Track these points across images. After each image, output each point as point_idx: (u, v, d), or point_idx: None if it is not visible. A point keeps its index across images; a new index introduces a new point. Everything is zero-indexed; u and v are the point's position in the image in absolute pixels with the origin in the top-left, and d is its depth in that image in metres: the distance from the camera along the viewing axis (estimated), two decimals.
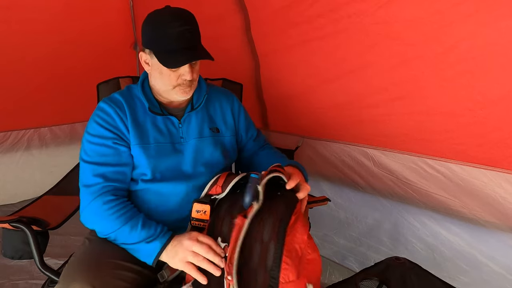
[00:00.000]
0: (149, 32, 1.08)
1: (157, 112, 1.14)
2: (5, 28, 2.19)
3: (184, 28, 1.04)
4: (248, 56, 2.00)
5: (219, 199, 1.03)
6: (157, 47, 1.06)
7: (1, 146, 2.50)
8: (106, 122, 1.09)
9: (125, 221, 1.01)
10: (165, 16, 1.06)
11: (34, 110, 2.54)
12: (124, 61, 2.92)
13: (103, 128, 1.08)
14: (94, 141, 1.08)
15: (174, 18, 1.05)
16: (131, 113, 1.11)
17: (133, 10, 2.78)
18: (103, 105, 1.12)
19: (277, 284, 0.82)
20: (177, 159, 1.14)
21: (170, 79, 1.08)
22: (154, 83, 1.14)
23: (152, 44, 1.07)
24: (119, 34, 2.82)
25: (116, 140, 1.09)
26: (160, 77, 1.10)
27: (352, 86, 1.60)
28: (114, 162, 1.08)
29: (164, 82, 1.10)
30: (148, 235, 0.99)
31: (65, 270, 0.96)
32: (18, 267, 1.93)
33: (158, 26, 1.06)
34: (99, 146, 1.07)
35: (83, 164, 1.08)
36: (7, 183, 2.59)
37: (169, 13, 1.07)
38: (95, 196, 1.03)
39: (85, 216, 1.06)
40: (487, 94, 1.23)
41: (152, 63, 1.10)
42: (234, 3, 1.94)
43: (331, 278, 1.95)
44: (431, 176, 1.49)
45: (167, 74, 1.08)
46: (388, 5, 1.35)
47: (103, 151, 1.07)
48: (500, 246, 1.39)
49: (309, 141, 1.92)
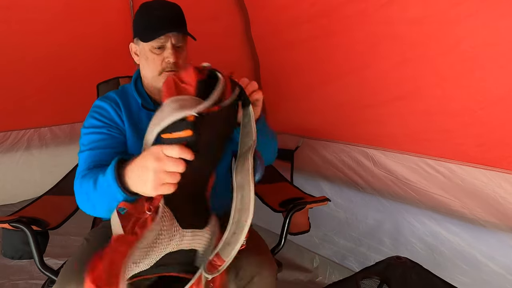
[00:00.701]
0: (136, 20, 1.13)
1: (150, 108, 1.15)
2: (5, 28, 2.19)
3: (169, 12, 1.11)
4: (248, 56, 2.00)
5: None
6: (140, 28, 1.10)
7: (1, 146, 2.50)
8: (100, 115, 1.10)
9: (92, 177, 0.88)
10: (151, 3, 1.12)
11: (34, 110, 2.54)
12: (124, 61, 2.89)
13: (98, 120, 1.09)
14: (89, 131, 1.08)
15: (159, 4, 1.11)
16: (126, 110, 1.12)
17: (133, 10, 2.77)
18: (98, 102, 1.14)
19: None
20: None
21: (155, 63, 1.10)
22: (143, 73, 1.16)
23: (136, 29, 1.12)
24: (119, 34, 2.81)
25: (110, 128, 1.09)
26: (146, 64, 1.12)
27: (352, 86, 1.60)
28: (107, 145, 1.07)
29: (150, 68, 1.12)
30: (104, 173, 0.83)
31: (63, 270, 0.96)
32: (18, 267, 1.93)
33: (143, 11, 1.12)
34: (93, 135, 1.07)
35: (79, 156, 1.06)
36: (7, 183, 2.59)
37: (156, 1, 1.13)
38: (81, 175, 0.96)
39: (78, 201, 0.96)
40: (487, 94, 1.23)
41: (139, 50, 1.13)
42: (234, 2, 1.94)
43: (331, 278, 1.95)
44: (431, 176, 1.49)
45: (151, 59, 1.10)
46: (389, 5, 1.35)
47: (96, 137, 1.07)
48: (500, 246, 1.39)
49: (309, 141, 1.92)
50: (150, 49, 1.09)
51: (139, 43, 1.11)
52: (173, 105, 0.72)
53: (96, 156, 1.03)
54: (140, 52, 1.13)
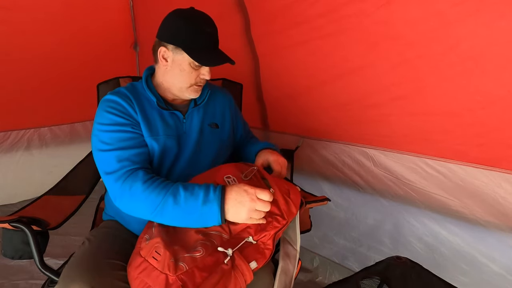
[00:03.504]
0: (181, 28, 1.07)
1: (163, 107, 1.15)
2: (5, 28, 2.20)
3: (214, 29, 1.10)
4: (248, 56, 2.00)
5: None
6: (190, 44, 1.06)
7: (1, 146, 2.49)
8: (119, 111, 1.08)
9: (166, 190, 0.96)
10: (198, 16, 1.10)
11: (34, 110, 2.55)
12: (124, 61, 2.93)
13: (118, 116, 1.07)
14: (112, 129, 1.06)
15: (206, 19, 1.10)
16: (139, 107, 1.12)
17: (133, 10, 2.78)
18: (111, 97, 1.11)
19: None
20: (179, 153, 1.16)
21: (190, 76, 1.10)
22: (170, 80, 1.14)
23: (182, 40, 1.07)
24: (119, 34, 2.82)
25: (134, 126, 1.08)
26: (179, 74, 1.10)
27: (352, 86, 1.60)
28: (137, 145, 1.07)
29: (183, 79, 1.11)
30: (197, 197, 0.95)
31: (65, 270, 0.96)
32: (18, 267, 1.93)
33: (192, 23, 1.07)
34: (118, 133, 1.05)
35: (103, 154, 1.04)
36: (7, 183, 2.59)
37: (200, 14, 1.11)
38: (124, 178, 0.99)
39: (123, 202, 1.00)
40: (487, 94, 1.24)
41: (174, 59, 1.09)
42: (234, 3, 1.94)
43: (331, 278, 1.95)
44: (431, 176, 1.49)
45: (188, 72, 1.09)
46: (388, 5, 1.35)
47: (123, 136, 1.05)
48: (500, 246, 1.39)
49: (309, 141, 1.92)
50: (190, 64, 1.08)
51: (179, 52, 1.08)
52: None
53: (129, 157, 1.03)
54: (174, 61, 1.10)
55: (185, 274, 0.84)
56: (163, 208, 0.95)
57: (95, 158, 1.07)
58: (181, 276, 0.83)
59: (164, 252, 0.87)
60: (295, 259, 1.06)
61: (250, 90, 2.08)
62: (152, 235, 0.96)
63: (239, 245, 0.93)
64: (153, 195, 0.96)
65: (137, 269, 0.89)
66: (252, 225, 0.96)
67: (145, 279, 0.86)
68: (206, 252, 0.89)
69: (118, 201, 1.01)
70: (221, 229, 0.96)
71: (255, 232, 0.96)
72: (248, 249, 0.94)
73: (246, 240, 0.94)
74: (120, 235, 1.13)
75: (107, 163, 1.03)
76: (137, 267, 0.90)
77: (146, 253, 0.91)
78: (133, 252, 0.97)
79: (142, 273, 0.88)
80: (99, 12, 2.58)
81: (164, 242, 0.90)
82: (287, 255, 1.06)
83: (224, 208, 0.93)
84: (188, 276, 0.84)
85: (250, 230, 0.96)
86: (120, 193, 0.99)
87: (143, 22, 2.76)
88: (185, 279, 0.83)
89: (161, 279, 0.84)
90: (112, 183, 1.01)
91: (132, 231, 1.16)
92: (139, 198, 0.97)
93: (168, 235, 0.94)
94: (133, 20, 2.81)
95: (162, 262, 0.86)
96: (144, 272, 0.88)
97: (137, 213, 0.99)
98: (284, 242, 1.09)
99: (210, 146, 1.22)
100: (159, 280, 0.84)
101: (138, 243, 0.99)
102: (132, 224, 1.16)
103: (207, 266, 0.87)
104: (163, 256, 0.87)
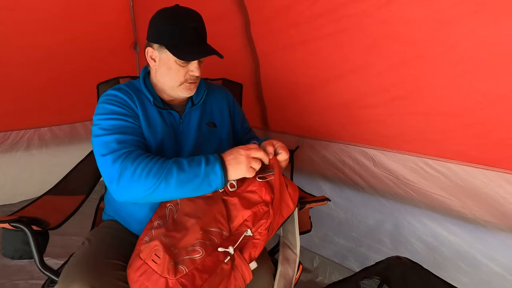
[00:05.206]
0: (163, 26, 1.08)
1: (160, 106, 1.15)
2: (5, 28, 2.20)
3: (198, 24, 1.09)
4: (248, 56, 2.00)
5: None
6: (171, 41, 1.06)
7: (1, 146, 2.50)
8: (120, 103, 1.08)
9: (168, 161, 0.97)
10: (179, 12, 1.09)
11: (34, 110, 2.55)
12: (124, 61, 2.92)
13: (119, 107, 1.07)
14: (112, 117, 1.05)
15: (188, 15, 1.09)
16: (139, 101, 1.12)
17: (133, 10, 2.78)
18: (112, 91, 1.11)
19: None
20: (178, 152, 1.16)
21: (178, 74, 1.09)
22: (160, 79, 1.14)
23: (165, 39, 1.07)
24: (119, 34, 2.82)
25: (134, 118, 1.08)
26: (167, 73, 1.10)
27: (352, 86, 1.60)
28: (136, 134, 1.06)
29: (172, 78, 1.10)
30: (200, 162, 0.97)
31: (65, 270, 0.96)
32: (18, 267, 1.93)
33: (173, 20, 1.07)
34: (119, 121, 1.05)
35: (102, 137, 1.01)
36: (7, 183, 2.59)
37: (183, 10, 1.10)
38: (124, 157, 0.96)
39: (122, 181, 0.95)
40: (487, 94, 1.24)
41: (161, 58, 1.09)
42: (234, 3, 1.94)
43: (331, 278, 1.95)
44: (431, 176, 1.49)
45: (175, 69, 1.08)
46: (388, 5, 1.35)
47: (123, 124, 1.05)
48: (500, 246, 1.39)
49: (309, 141, 1.92)
50: (176, 61, 1.07)
51: (163, 50, 1.08)
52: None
53: (128, 141, 1.01)
54: (161, 60, 1.10)
55: (185, 277, 0.84)
56: (168, 175, 0.94)
57: (93, 144, 1.04)
58: (181, 279, 0.84)
59: (163, 255, 0.87)
60: (295, 263, 1.06)
61: (250, 90, 2.08)
62: (152, 237, 0.96)
63: (239, 241, 0.93)
64: (157, 166, 0.95)
65: (137, 271, 0.90)
66: (249, 217, 0.96)
67: (145, 282, 0.87)
68: (205, 253, 0.89)
69: (117, 182, 0.96)
70: (221, 225, 0.96)
71: (253, 223, 0.96)
72: (248, 244, 0.95)
73: (245, 235, 0.94)
74: (120, 235, 1.14)
75: (105, 145, 1.00)
76: (137, 269, 0.90)
77: (145, 255, 0.91)
78: (133, 254, 0.98)
79: (142, 276, 0.88)
80: (99, 12, 2.58)
81: (163, 245, 0.90)
82: (287, 260, 1.06)
83: (225, 168, 0.97)
84: (188, 279, 0.84)
85: (248, 223, 0.96)
86: (120, 172, 0.95)
87: (143, 22, 2.76)
88: (185, 282, 0.84)
89: (161, 283, 0.84)
90: (110, 164, 0.97)
91: (132, 231, 1.16)
92: (143, 171, 0.94)
93: (167, 236, 0.94)
94: (133, 20, 2.81)
95: (161, 265, 0.86)
96: (144, 275, 0.88)
97: (139, 188, 0.94)
98: (283, 247, 1.09)
99: (209, 146, 1.21)
100: (159, 284, 0.84)
101: (137, 245, 0.99)
102: (132, 224, 1.16)
103: (207, 267, 0.87)
104: (162, 259, 0.87)
